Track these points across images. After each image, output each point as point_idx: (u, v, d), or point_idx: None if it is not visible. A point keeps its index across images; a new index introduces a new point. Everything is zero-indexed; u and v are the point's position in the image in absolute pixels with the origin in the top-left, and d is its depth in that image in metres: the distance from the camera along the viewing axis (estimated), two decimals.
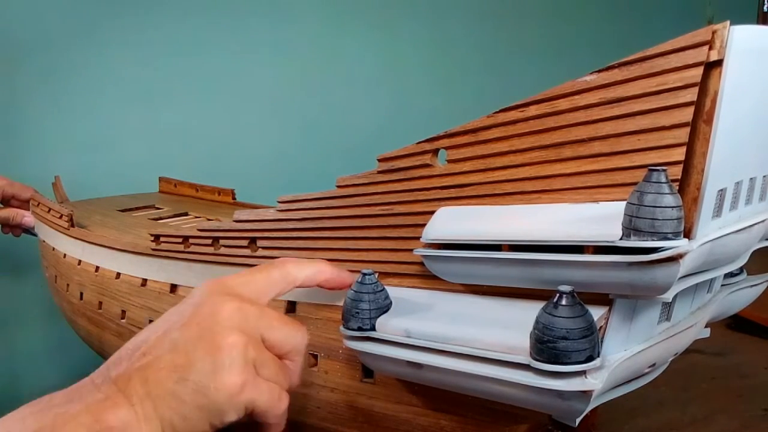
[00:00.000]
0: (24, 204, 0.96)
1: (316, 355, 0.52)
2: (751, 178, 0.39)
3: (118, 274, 0.72)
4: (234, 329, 0.36)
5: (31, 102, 1.12)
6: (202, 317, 0.37)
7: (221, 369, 0.35)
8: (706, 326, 0.51)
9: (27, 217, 0.93)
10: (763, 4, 2.03)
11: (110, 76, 1.18)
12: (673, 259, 0.32)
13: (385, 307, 0.44)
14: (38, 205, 0.91)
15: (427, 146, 0.43)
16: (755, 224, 0.40)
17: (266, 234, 0.54)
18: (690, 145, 0.34)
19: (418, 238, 0.43)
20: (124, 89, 1.20)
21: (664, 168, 0.33)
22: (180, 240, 0.62)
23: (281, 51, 1.36)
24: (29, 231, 0.96)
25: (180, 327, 0.37)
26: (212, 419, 0.35)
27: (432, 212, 0.43)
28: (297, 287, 0.44)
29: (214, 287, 0.40)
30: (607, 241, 0.34)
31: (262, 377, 0.37)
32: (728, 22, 0.33)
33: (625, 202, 0.33)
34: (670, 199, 0.32)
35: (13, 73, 1.10)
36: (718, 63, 0.33)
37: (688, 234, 0.34)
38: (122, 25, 1.19)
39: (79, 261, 0.79)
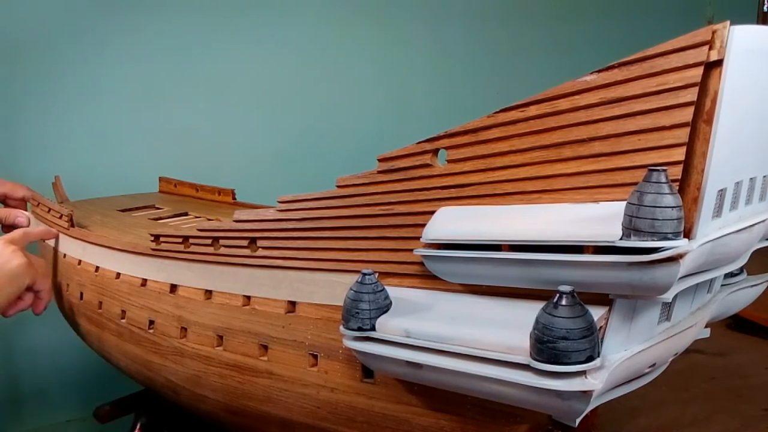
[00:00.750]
0: (20, 203, 0.95)
1: (316, 355, 0.52)
2: (751, 178, 0.39)
3: (118, 274, 0.72)
4: (9, 246, 0.68)
5: (31, 102, 1.12)
6: None
7: (13, 259, 0.68)
8: (706, 326, 0.51)
9: (20, 217, 0.92)
10: (763, 4, 2.03)
11: (110, 76, 1.18)
12: (673, 259, 0.32)
13: (385, 307, 0.44)
14: (38, 205, 0.91)
15: (427, 146, 0.43)
16: (755, 224, 0.40)
17: (266, 234, 0.54)
18: (690, 145, 0.34)
19: (418, 238, 0.43)
20: (124, 89, 1.20)
21: (664, 168, 0.32)
22: (180, 240, 0.62)
23: (281, 51, 1.36)
24: None
25: None
26: (18, 285, 0.68)
27: (432, 212, 0.43)
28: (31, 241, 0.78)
29: None
30: (607, 241, 0.34)
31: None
32: (728, 22, 0.33)
33: (625, 202, 0.33)
34: (670, 199, 0.32)
35: (13, 73, 1.10)
36: (718, 63, 0.33)
37: (688, 234, 0.34)
38: (122, 25, 1.19)
39: (79, 261, 0.79)
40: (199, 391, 0.64)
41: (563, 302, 0.34)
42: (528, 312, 0.36)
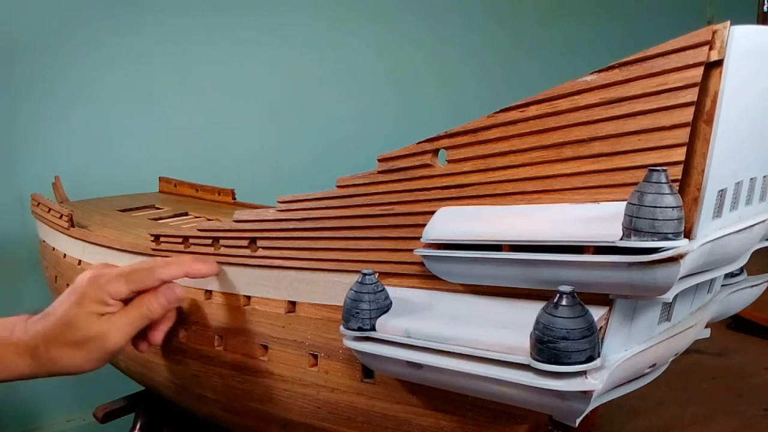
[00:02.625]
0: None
1: (316, 355, 0.52)
2: (751, 179, 0.39)
3: None
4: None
5: (31, 102, 1.12)
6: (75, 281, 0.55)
7: (111, 336, 0.54)
8: (706, 326, 0.51)
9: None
10: (763, 4, 2.03)
11: (110, 77, 1.18)
12: (674, 259, 0.32)
13: (385, 307, 0.44)
14: (38, 205, 0.91)
15: (428, 146, 0.43)
16: (755, 224, 0.40)
17: (266, 234, 0.54)
18: (690, 146, 0.34)
19: (418, 238, 0.43)
20: (123, 89, 1.20)
21: (664, 168, 0.32)
22: (180, 240, 0.62)
23: (281, 51, 1.36)
24: None
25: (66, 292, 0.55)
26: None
27: (432, 212, 0.43)
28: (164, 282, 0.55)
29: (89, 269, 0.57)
30: (608, 242, 0.34)
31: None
32: (728, 22, 0.33)
33: (625, 203, 0.33)
34: (670, 200, 0.32)
35: (13, 74, 1.10)
36: (719, 63, 0.33)
37: (688, 234, 0.34)
38: (122, 25, 1.19)
39: (79, 261, 0.79)
40: (199, 391, 0.64)
41: (563, 302, 0.34)
42: (528, 312, 0.36)
